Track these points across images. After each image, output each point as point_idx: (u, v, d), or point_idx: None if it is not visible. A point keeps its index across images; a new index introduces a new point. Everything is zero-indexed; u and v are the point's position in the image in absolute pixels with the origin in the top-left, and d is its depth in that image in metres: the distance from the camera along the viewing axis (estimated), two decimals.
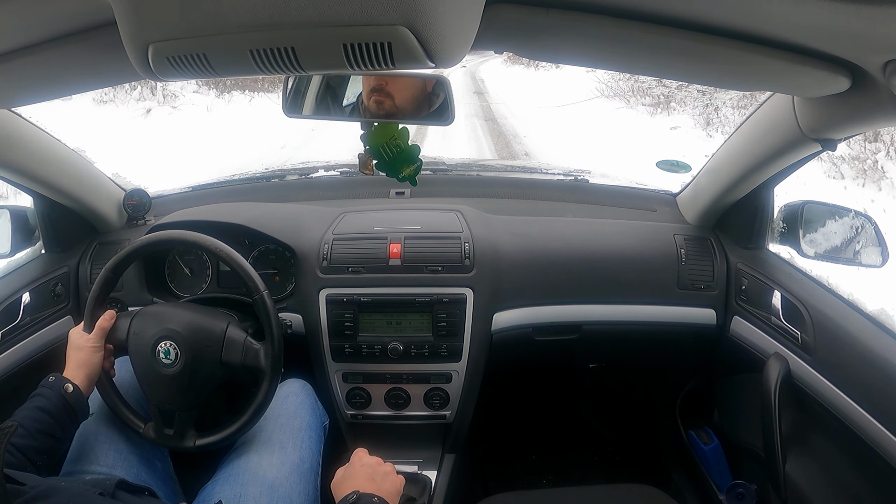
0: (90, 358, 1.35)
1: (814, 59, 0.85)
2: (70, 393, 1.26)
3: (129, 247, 1.46)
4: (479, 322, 1.68)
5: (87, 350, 1.35)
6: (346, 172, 2.27)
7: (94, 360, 1.35)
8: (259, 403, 1.39)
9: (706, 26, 0.78)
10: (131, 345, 1.40)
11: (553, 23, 0.78)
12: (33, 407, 1.22)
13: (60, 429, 1.24)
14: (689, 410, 2.12)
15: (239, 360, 1.40)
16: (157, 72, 0.70)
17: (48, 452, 1.21)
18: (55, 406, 1.23)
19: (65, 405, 1.25)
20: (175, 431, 1.39)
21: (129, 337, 1.40)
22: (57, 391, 1.25)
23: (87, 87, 1.27)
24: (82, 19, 0.80)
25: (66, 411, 1.25)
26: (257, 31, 0.63)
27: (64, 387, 1.26)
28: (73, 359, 1.35)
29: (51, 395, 1.25)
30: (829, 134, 1.19)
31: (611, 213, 1.96)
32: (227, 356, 1.40)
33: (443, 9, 0.59)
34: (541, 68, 19.20)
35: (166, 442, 1.40)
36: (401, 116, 1.36)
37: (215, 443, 1.40)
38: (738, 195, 1.65)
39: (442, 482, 1.71)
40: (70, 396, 1.26)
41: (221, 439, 1.40)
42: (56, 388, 1.26)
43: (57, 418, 1.23)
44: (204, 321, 1.42)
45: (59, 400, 1.25)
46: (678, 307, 1.77)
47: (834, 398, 1.35)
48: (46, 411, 1.22)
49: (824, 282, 1.50)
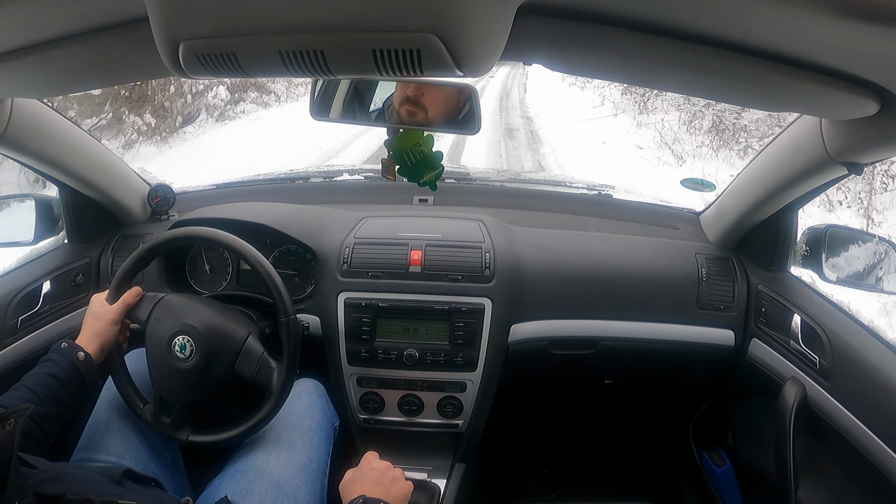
0: (107, 329, 1.36)
1: (842, 82, 0.84)
2: (82, 361, 1.27)
3: (173, 233, 1.48)
4: (496, 333, 1.67)
5: (106, 321, 1.36)
6: (370, 177, 2.28)
7: (110, 332, 1.36)
8: (260, 419, 1.39)
9: (735, 45, 0.78)
10: (149, 330, 1.41)
11: (583, 36, 0.78)
12: (44, 373, 1.23)
13: (70, 396, 1.24)
14: (702, 431, 2.10)
15: (251, 374, 1.40)
16: (186, 69, 0.70)
17: (57, 419, 1.21)
18: (65, 373, 1.24)
19: (75, 372, 1.25)
20: (172, 421, 1.40)
21: (149, 321, 1.41)
22: (68, 358, 1.26)
23: (116, 81, 1.29)
24: (115, 14, 0.81)
25: (76, 379, 1.25)
26: (287, 33, 0.63)
27: (76, 354, 1.27)
28: (90, 326, 1.35)
29: (62, 361, 1.25)
30: (855, 158, 1.18)
31: (633, 229, 1.96)
32: (241, 367, 1.40)
33: (472, 18, 0.59)
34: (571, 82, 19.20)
35: (161, 428, 1.40)
36: (428, 126, 1.36)
37: (208, 443, 1.41)
38: (761, 216, 1.64)
39: (451, 491, 1.70)
40: (81, 364, 1.27)
41: (215, 441, 1.41)
42: (68, 355, 1.26)
43: (67, 385, 1.23)
44: (225, 325, 1.43)
45: (70, 367, 1.25)
46: (697, 327, 1.75)
47: (850, 426, 1.33)
48: (56, 377, 1.23)
49: (845, 307, 1.48)
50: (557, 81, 19.66)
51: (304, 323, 1.62)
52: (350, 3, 0.59)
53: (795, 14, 0.63)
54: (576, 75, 1.26)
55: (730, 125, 9.59)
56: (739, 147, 9.01)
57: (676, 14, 0.71)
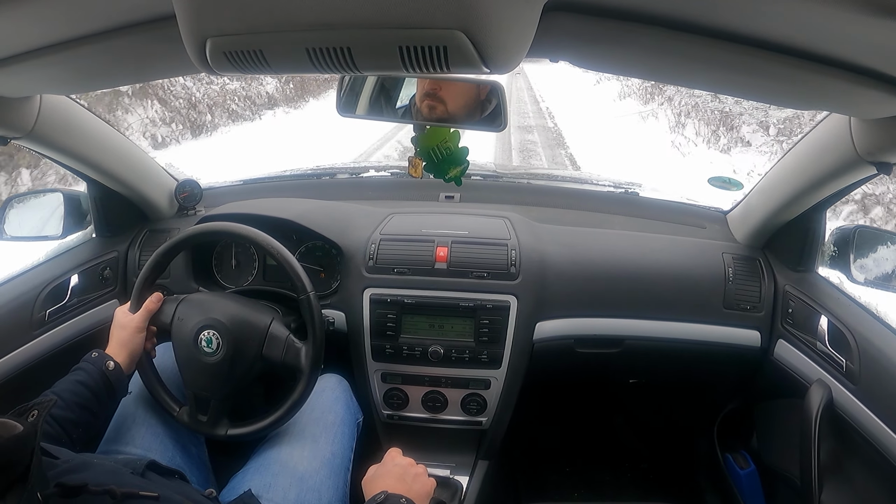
0: (133, 337, 1.38)
1: (872, 80, 0.83)
2: (111, 370, 1.30)
3: (181, 234, 1.49)
4: (521, 330, 1.67)
5: (131, 329, 1.38)
6: (397, 174, 2.29)
7: (137, 340, 1.39)
8: (294, 401, 1.40)
9: (763, 42, 0.77)
10: (175, 330, 1.43)
11: (609, 33, 0.78)
12: (73, 380, 1.26)
13: (98, 404, 1.27)
14: (727, 432, 2.08)
15: (279, 357, 1.42)
16: (214, 66, 0.71)
17: (84, 426, 1.23)
18: (95, 381, 1.27)
19: (105, 381, 1.28)
20: (209, 419, 1.42)
21: (173, 322, 1.43)
22: (98, 367, 1.29)
23: (144, 77, 1.31)
24: (143, 11, 0.82)
25: (105, 388, 1.28)
26: (314, 30, 0.64)
27: (105, 364, 1.30)
28: (116, 337, 1.38)
29: (92, 370, 1.28)
30: (885, 157, 1.16)
31: (660, 227, 1.95)
32: (269, 351, 1.42)
33: (499, 15, 0.59)
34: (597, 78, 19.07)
35: (199, 428, 1.42)
36: (452, 121, 1.37)
37: (247, 434, 1.42)
38: (789, 216, 1.62)
39: (473, 488, 1.71)
40: (111, 374, 1.29)
41: (253, 431, 1.42)
42: (98, 364, 1.29)
43: (95, 393, 1.26)
44: (248, 314, 1.45)
45: (100, 376, 1.28)
46: (723, 327, 1.74)
47: (876, 430, 1.31)
48: (86, 385, 1.25)
49: (873, 309, 1.46)
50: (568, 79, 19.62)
51: (329, 318, 1.63)
52: (377, 0, 0.59)
53: (826, 11, 0.62)
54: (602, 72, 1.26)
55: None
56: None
57: (703, 10, 0.71)
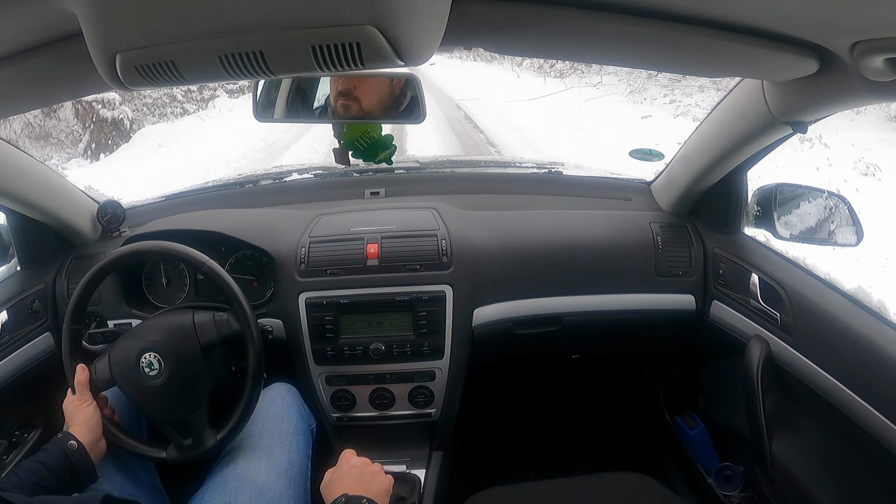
0: (84, 413, 1.34)
1: (782, 44, 0.86)
2: (74, 450, 1.25)
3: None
4: (459, 318, 1.68)
5: (79, 408, 1.34)
6: (320, 175, 2.26)
7: (89, 413, 1.34)
8: (254, 371, 1.40)
9: (674, 14, 0.78)
10: (116, 375, 1.39)
11: (522, 16, 0.78)
12: (35, 460, 1.22)
13: (59, 485, 1.21)
14: (673, 396, 2.14)
15: (215, 336, 1.42)
16: (125, 81, 0.69)
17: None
18: (55, 461, 1.22)
19: (66, 462, 1.24)
20: (193, 439, 1.39)
21: (111, 369, 1.39)
22: (60, 447, 1.25)
23: (55, 99, 1.25)
24: (49, 31, 0.78)
25: (67, 468, 1.23)
26: (225, 36, 0.62)
27: (68, 444, 1.25)
28: (70, 418, 1.34)
29: (54, 450, 1.24)
30: (799, 117, 1.20)
31: (586, 203, 1.97)
32: (204, 338, 1.41)
33: (410, 7, 0.59)
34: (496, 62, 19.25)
35: (191, 452, 1.40)
36: (368, 118, 1.35)
37: (234, 429, 1.41)
38: (711, 181, 1.66)
39: (431, 480, 1.71)
40: (73, 454, 1.25)
41: (237, 423, 1.41)
42: (60, 444, 1.25)
43: (56, 474, 1.21)
44: (171, 319, 1.44)
45: (61, 455, 1.24)
46: (657, 294, 1.78)
47: (815, 376, 1.36)
48: (46, 465, 1.21)
49: (801, 262, 1.51)
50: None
51: (267, 327, 1.61)
52: (286, 0, 0.58)
53: None
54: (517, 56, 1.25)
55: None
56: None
57: None
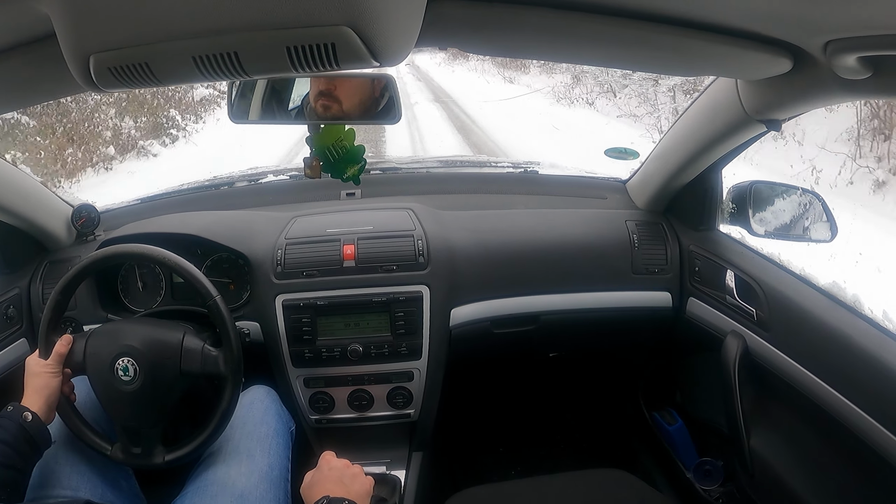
0: (48, 383, 1.31)
1: (755, 43, 0.87)
2: (29, 422, 1.22)
3: (74, 267, 1.42)
4: (437, 319, 1.68)
5: (45, 376, 1.31)
6: (296, 176, 2.24)
7: (53, 385, 1.31)
8: (223, 411, 1.37)
9: (648, 14, 0.78)
10: (89, 366, 1.36)
11: (497, 16, 0.78)
12: None
13: (22, 460, 1.20)
14: (651, 393, 2.15)
15: (199, 369, 1.39)
16: (99, 83, 0.68)
17: (11, 485, 1.17)
18: (14, 437, 1.19)
19: (24, 435, 1.21)
20: (143, 449, 1.37)
21: (85, 358, 1.37)
22: (15, 421, 1.21)
23: (29, 102, 1.23)
24: (21, 33, 0.77)
25: (26, 441, 1.21)
26: (199, 37, 0.62)
27: (23, 416, 1.22)
28: (31, 385, 1.31)
29: (10, 425, 1.20)
30: (773, 115, 1.21)
31: (562, 202, 1.98)
32: (187, 366, 1.38)
33: (385, 7, 0.58)
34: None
35: (135, 461, 1.37)
36: (347, 119, 1.35)
37: (185, 455, 1.38)
38: (686, 179, 1.68)
39: (411, 481, 1.71)
40: (29, 426, 1.22)
41: (190, 451, 1.38)
42: (14, 418, 1.22)
43: (17, 449, 1.19)
44: (160, 334, 1.40)
45: (19, 430, 1.20)
46: (634, 292, 1.79)
47: (791, 371, 1.38)
48: (6, 442, 1.18)
49: (776, 259, 1.53)
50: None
51: (244, 330, 1.60)
52: (260, 1, 0.57)
53: None
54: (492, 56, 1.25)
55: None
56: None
57: None
